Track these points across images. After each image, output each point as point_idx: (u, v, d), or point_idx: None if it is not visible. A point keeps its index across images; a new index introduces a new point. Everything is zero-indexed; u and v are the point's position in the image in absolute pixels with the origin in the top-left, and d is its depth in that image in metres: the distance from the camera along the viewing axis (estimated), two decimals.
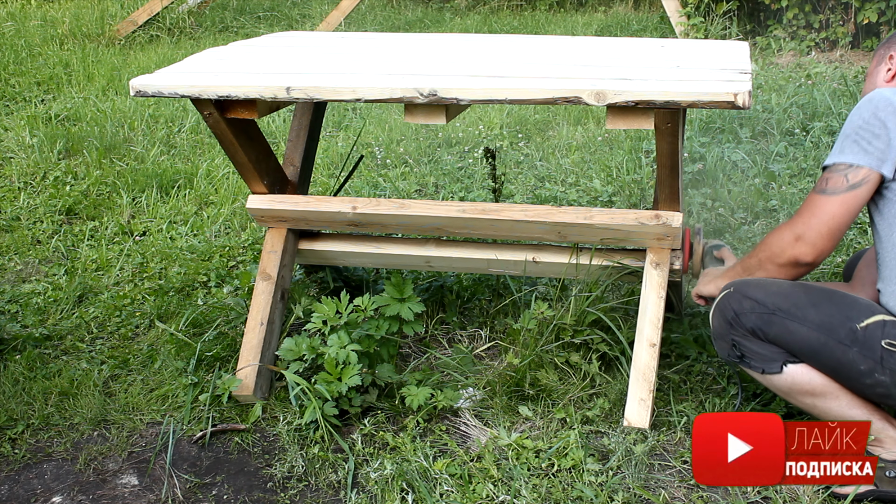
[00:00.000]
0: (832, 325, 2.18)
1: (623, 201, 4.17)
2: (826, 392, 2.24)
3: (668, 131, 2.38)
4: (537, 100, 2.27)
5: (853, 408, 2.25)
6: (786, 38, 6.86)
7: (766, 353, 2.25)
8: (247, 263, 3.73)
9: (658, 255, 2.69)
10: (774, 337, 2.22)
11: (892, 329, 2.16)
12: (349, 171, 3.42)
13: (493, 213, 2.74)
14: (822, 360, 2.21)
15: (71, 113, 5.64)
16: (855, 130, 2.16)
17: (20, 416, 2.75)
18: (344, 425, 2.66)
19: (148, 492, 2.44)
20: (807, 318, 2.20)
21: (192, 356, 2.94)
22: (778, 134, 4.75)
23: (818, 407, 2.28)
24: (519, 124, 5.40)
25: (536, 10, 8.73)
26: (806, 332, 2.19)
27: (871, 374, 2.17)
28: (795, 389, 2.26)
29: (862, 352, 2.16)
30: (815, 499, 2.28)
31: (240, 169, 2.81)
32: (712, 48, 2.77)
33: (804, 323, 2.19)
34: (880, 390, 2.20)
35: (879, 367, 2.16)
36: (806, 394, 2.26)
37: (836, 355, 2.18)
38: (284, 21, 8.56)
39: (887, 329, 2.16)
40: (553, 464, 2.42)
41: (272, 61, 2.77)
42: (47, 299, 3.49)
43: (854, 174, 2.15)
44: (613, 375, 2.74)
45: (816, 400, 2.26)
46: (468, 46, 2.98)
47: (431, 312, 3.20)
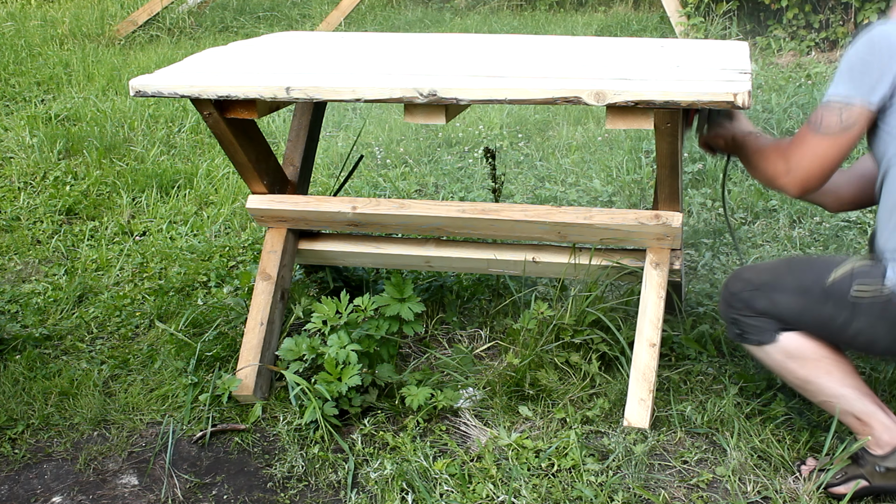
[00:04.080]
0: (807, 287, 2.26)
1: (623, 201, 4.17)
2: (819, 364, 2.29)
3: (667, 131, 2.38)
4: (537, 100, 2.28)
5: (844, 386, 2.29)
6: (786, 38, 6.86)
7: (760, 324, 2.32)
8: (247, 263, 3.73)
9: (658, 255, 2.69)
10: (763, 309, 2.30)
11: (860, 275, 2.21)
12: (349, 171, 3.42)
13: (493, 213, 2.74)
14: (806, 322, 2.28)
15: (71, 113, 5.64)
16: (850, 65, 2.17)
17: (20, 416, 2.75)
18: (344, 425, 2.66)
19: (148, 492, 2.44)
20: (786, 287, 2.29)
21: (192, 356, 2.94)
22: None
23: (811, 383, 2.32)
24: (519, 124, 5.40)
25: (536, 10, 8.73)
26: (787, 298, 2.28)
27: (848, 325, 2.23)
28: (790, 358, 2.31)
29: (835, 305, 2.22)
30: (815, 498, 2.28)
31: (240, 169, 2.81)
32: (712, 48, 2.77)
33: (784, 291, 2.29)
34: (862, 338, 2.25)
35: (854, 317, 2.21)
36: (799, 365, 2.31)
37: (815, 314, 2.25)
38: (284, 21, 8.56)
39: (854, 276, 2.21)
40: (553, 464, 2.42)
41: (272, 61, 2.77)
42: (47, 299, 3.49)
43: (848, 113, 2.14)
44: (613, 375, 2.74)
45: (809, 373, 2.30)
46: (468, 46, 2.98)
47: (431, 312, 3.20)
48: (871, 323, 2.20)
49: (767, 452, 2.45)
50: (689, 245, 3.74)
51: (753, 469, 2.40)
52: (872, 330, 2.21)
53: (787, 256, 2.31)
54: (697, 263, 3.58)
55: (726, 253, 3.67)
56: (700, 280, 3.44)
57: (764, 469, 2.40)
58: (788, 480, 2.37)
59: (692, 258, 3.64)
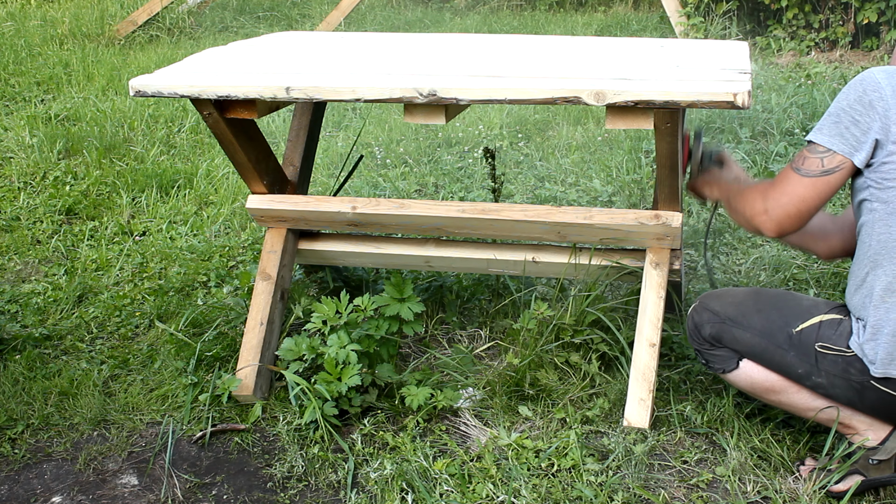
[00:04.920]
0: (772, 331, 2.27)
1: (623, 201, 4.17)
2: (784, 388, 2.31)
3: (667, 131, 2.38)
4: (537, 100, 2.27)
5: (817, 398, 2.30)
6: (786, 38, 6.86)
7: (722, 354, 2.36)
8: (247, 263, 3.73)
9: (658, 254, 2.69)
10: (727, 343, 2.34)
11: (826, 331, 2.21)
12: (349, 171, 3.42)
13: (493, 213, 2.74)
14: (766, 363, 2.30)
15: (71, 113, 5.64)
16: (838, 111, 2.13)
17: (20, 416, 2.75)
18: (344, 425, 2.66)
19: (148, 492, 2.44)
20: (751, 325, 2.30)
21: (191, 356, 2.94)
22: (778, 134, 4.75)
23: (784, 403, 2.35)
24: (519, 124, 5.40)
25: (536, 10, 8.72)
26: (749, 337, 2.30)
27: (808, 376, 2.24)
28: (756, 386, 2.35)
29: (798, 355, 2.23)
30: (815, 498, 2.28)
31: (239, 169, 2.81)
32: (712, 48, 2.76)
33: (748, 329, 2.30)
34: (821, 391, 2.26)
35: (815, 370, 2.22)
36: (767, 391, 2.34)
37: (777, 359, 2.27)
38: (284, 21, 8.56)
39: (822, 331, 2.21)
40: (553, 464, 2.42)
41: (272, 61, 2.77)
42: (47, 299, 3.49)
43: (830, 160, 2.12)
44: (613, 375, 2.74)
45: (780, 396, 2.33)
46: (468, 46, 2.98)
47: (431, 312, 3.20)
48: (830, 379, 2.22)
49: (767, 452, 2.45)
50: (689, 245, 3.74)
51: (753, 469, 2.40)
52: (831, 384, 2.23)
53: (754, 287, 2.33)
54: (697, 263, 3.58)
55: (726, 253, 3.67)
56: (700, 280, 3.44)
57: (764, 469, 2.40)
58: (788, 480, 2.37)
59: (692, 258, 3.64)
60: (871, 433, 2.28)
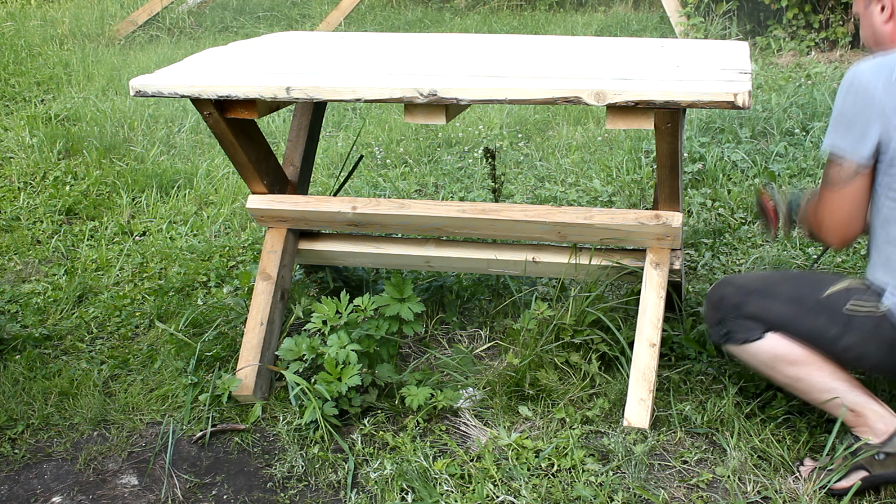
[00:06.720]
0: (802, 297, 2.31)
1: (623, 201, 4.17)
2: (807, 361, 2.32)
3: (667, 131, 2.38)
4: (537, 100, 2.28)
5: (835, 380, 2.31)
6: (786, 38, 6.86)
7: (747, 324, 2.35)
8: (247, 263, 3.73)
9: (658, 255, 2.69)
10: (753, 313, 2.34)
11: (854, 293, 2.26)
12: (349, 171, 3.42)
13: (493, 213, 2.74)
14: (796, 330, 2.31)
15: (71, 113, 5.64)
16: (836, 114, 2.20)
17: (20, 416, 2.75)
18: (344, 425, 2.66)
19: (148, 492, 2.44)
20: (779, 294, 2.34)
21: (192, 356, 2.94)
22: (778, 134, 4.75)
23: (801, 380, 2.34)
24: (519, 124, 5.40)
25: (536, 10, 8.72)
26: (779, 305, 2.32)
27: (839, 338, 2.26)
28: (778, 358, 2.34)
29: (829, 318, 2.27)
30: (815, 498, 2.28)
31: (240, 169, 2.81)
32: (712, 48, 2.77)
33: (777, 298, 2.33)
34: (852, 353, 2.29)
35: (847, 331, 2.25)
36: (788, 363, 2.34)
37: (807, 324, 2.29)
38: (284, 21, 8.56)
39: (850, 294, 2.26)
40: (553, 464, 2.42)
41: (272, 61, 2.77)
42: (47, 299, 3.49)
43: (848, 167, 2.19)
44: (613, 375, 2.74)
45: (799, 370, 2.33)
46: (468, 46, 2.98)
47: (431, 312, 3.20)
48: (862, 339, 2.25)
49: (767, 452, 2.45)
50: (689, 245, 3.74)
51: (753, 469, 2.40)
52: (863, 345, 2.26)
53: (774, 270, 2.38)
54: (697, 263, 3.58)
55: (726, 253, 3.67)
56: (700, 280, 3.44)
57: (764, 469, 2.40)
58: (788, 480, 2.37)
59: (692, 258, 3.64)
60: (881, 424, 2.29)
